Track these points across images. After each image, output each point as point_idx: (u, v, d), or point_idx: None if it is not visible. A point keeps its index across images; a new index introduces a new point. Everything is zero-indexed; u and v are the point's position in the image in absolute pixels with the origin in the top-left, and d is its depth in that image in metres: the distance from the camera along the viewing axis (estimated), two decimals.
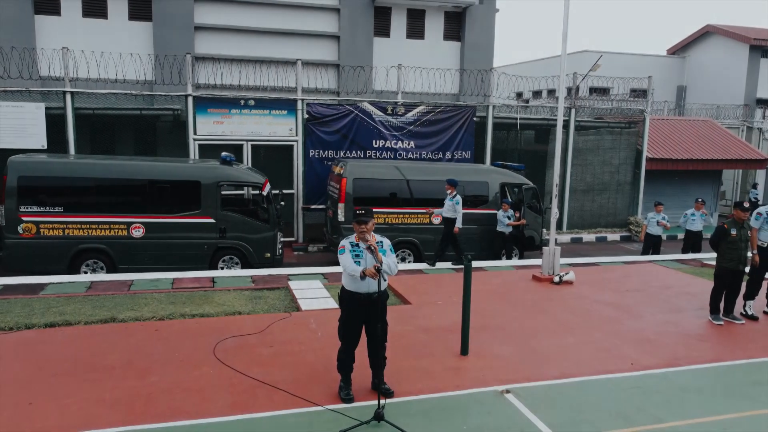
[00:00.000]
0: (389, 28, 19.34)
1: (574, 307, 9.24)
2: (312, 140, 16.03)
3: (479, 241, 14.12)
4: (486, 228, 14.16)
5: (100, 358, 6.87)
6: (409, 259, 13.81)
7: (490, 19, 19.85)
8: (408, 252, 13.82)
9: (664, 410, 5.87)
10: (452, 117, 16.87)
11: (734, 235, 8.33)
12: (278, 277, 11.06)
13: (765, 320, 8.84)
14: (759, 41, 33.03)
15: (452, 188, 12.35)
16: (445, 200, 12.40)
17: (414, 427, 5.42)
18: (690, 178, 20.52)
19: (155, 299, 9.31)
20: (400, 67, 16.66)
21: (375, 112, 16.27)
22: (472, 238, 14.03)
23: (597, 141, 18.45)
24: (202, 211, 12.38)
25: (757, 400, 6.16)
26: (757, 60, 33.66)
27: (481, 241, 14.14)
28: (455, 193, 12.28)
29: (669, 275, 11.63)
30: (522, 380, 6.50)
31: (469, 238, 13.96)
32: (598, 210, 18.64)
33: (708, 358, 7.26)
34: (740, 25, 36.55)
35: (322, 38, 18.74)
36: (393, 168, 13.95)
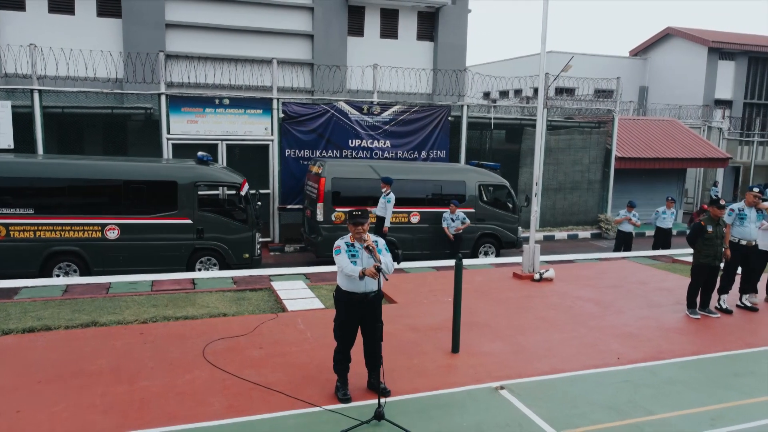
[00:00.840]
0: (363, 27, 19.34)
1: (557, 304, 9.41)
2: (288, 140, 15.92)
3: (456, 240, 14.22)
4: None
5: (85, 363, 6.70)
6: None
7: (462, 20, 20.02)
8: None
9: (654, 402, 6.03)
10: (427, 117, 16.97)
11: (711, 231, 8.60)
12: (260, 277, 10.95)
13: (738, 314, 9.15)
14: (717, 44, 34.12)
15: (387, 186, 12.26)
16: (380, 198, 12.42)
17: (414, 425, 5.45)
18: (656, 176, 21.09)
19: (136, 302, 9.13)
20: (375, 67, 16.67)
21: (351, 112, 16.25)
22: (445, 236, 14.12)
23: (568, 140, 18.80)
24: (178, 212, 12.18)
25: (739, 391, 6.38)
26: (715, 62, 34.75)
27: (459, 241, 14.24)
28: (389, 191, 12.19)
29: (643, 271, 11.94)
30: (515, 376, 6.59)
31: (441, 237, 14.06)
32: (570, 208, 19.01)
33: (689, 351, 7.48)
34: (699, 28, 37.72)
35: (295, 37, 18.63)
36: (371, 167, 13.96)
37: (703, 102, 34.18)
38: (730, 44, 34.37)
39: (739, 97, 35.37)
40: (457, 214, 13.70)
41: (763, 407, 6.00)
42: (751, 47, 34.30)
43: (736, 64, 35.22)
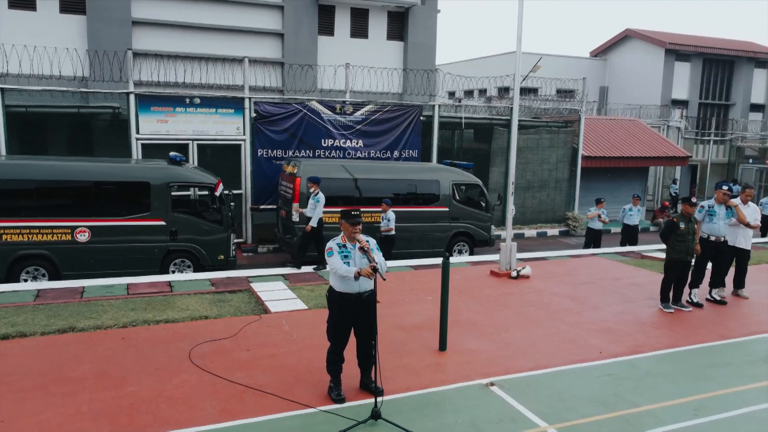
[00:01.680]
0: (333, 26, 19.30)
1: (535, 301, 9.60)
2: (260, 139, 15.78)
3: (431, 239, 14.36)
4: (438, 225, 14.42)
5: (68, 369, 6.54)
6: None
7: (432, 20, 20.17)
8: None
9: (637, 395, 6.23)
10: (399, 116, 17.04)
11: (683, 228, 8.90)
12: (238, 279, 10.85)
13: (708, 307, 9.49)
14: (674, 45, 35.21)
15: (315, 186, 11.87)
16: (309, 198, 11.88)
17: (410, 423, 5.50)
18: (620, 174, 21.66)
19: (113, 306, 8.94)
20: (348, 66, 16.66)
21: (324, 111, 16.21)
22: (425, 236, 14.26)
23: (536, 140, 19.15)
24: (151, 213, 11.97)
25: (717, 381, 6.64)
26: (672, 63, 35.85)
27: (433, 239, 14.38)
28: (318, 191, 11.77)
29: (614, 267, 12.26)
30: (502, 373, 6.71)
31: (421, 235, 14.19)
32: (538, 206, 19.36)
33: (666, 344, 7.74)
34: (657, 30, 38.83)
35: (266, 36, 18.47)
36: (347, 167, 13.95)
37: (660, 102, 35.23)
38: (685, 46, 35.52)
39: (695, 98, 36.58)
40: (388, 214, 12.91)
41: (741, 397, 6.25)
42: (705, 49, 35.51)
43: (691, 65, 36.41)
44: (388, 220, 12.86)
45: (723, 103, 37.64)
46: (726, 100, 37.78)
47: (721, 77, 37.72)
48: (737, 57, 36.99)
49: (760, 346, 7.77)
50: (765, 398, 6.22)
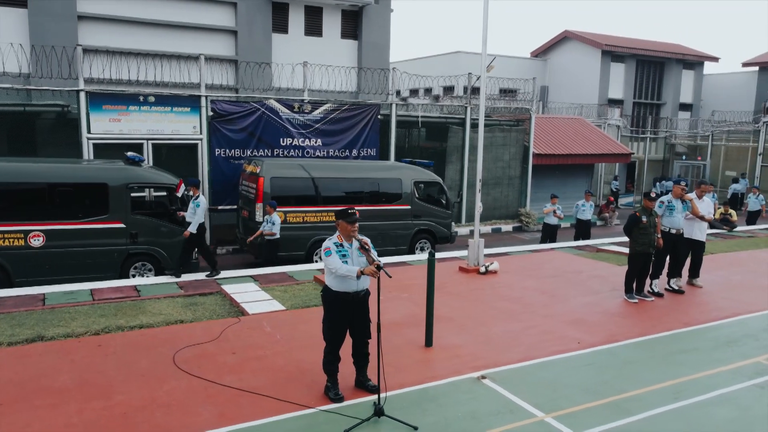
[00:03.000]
0: (287, 24, 19.09)
1: (507, 295, 9.84)
2: (217, 139, 15.47)
3: (394, 236, 14.46)
4: (401, 223, 14.54)
5: (46, 380, 6.26)
6: None
7: (385, 19, 20.28)
8: None
9: (621, 382, 6.52)
10: (357, 115, 17.06)
11: (645, 222, 9.33)
12: (206, 282, 10.62)
13: (668, 296, 9.99)
14: (610, 47, 36.67)
15: (195, 189, 11.04)
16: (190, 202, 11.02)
17: (411, 418, 5.56)
18: (567, 171, 22.42)
19: (81, 313, 8.58)
20: (306, 65, 16.53)
21: (282, 110, 16.03)
22: (388, 234, 14.34)
23: (490, 138, 19.56)
24: (110, 216, 11.56)
25: (689, 366, 7.02)
26: (608, 64, 37.34)
27: (396, 237, 14.49)
28: (198, 195, 10.92)
29: (574, 261, 12.72)
30: (491, 366, 6.87)
31: (384, 233, 14.25)
32: (493, 203, 19.79)
33: (637, 333, 8.11)
34: (594, 32, 40.33)
35: (219, 33, 18.08)
36: (311, 166, 13.87)
37: (598, 101, 36.66)
38: (620, 47, 37.05)
39: (629, 97, 38.23)
40: (273, 217, 12.09)
41: (714, 380, 6.64)
42: (638, 50, 37.18)
43: (625, 66, 38.03)
44: (272, 224, 12.03)
45: (655, 102, 39.48)
46: (657, 100, 39.66)
47: (653, 78, 39.56)
48: (667, 59, 38.89)
49: (721, 332, 8.26)
50: (735, 380, 6.63)
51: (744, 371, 6.89)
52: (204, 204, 10.99)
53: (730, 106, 38.35)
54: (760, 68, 41.69)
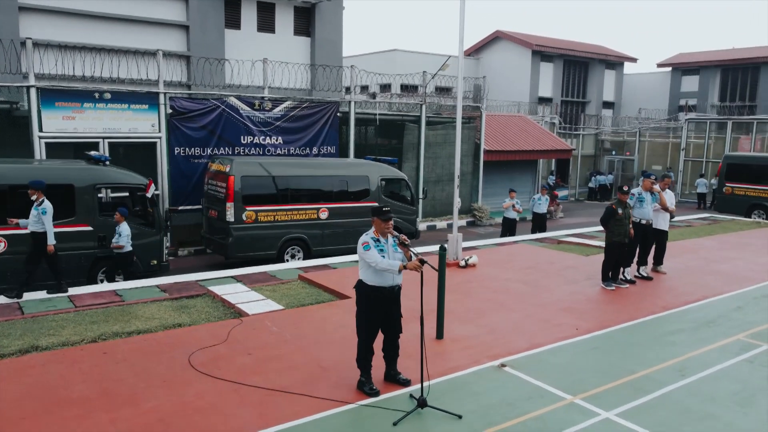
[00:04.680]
0: (240, 20, 18.70)
1: (494, 287, 10.18)
2: (177, 137, 15.00)
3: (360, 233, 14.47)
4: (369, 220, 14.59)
5: (63, 391, 5.98)
6: (299, 256, 13.74)
7: (337, 16, 20.27)
8: (297, 249, 13.74)
9: (629, 362, 6.96)
10: (317, 113, 17.00)
11: (620, 213, 9.93)
12: (188, 284, 10.31)
13: (639, 283, 10.64)
14: (540, 47, 38.18)
15: (38, 193, 9.31)
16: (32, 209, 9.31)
17: (450, 408, 5.72)
18: (513, 167, 23.25)
19: (68, 320, 8.18)
20: (265, 61, 16.28)
21: (242, 107, 15.75)
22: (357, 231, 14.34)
23: (444, 135, 19.99)
24: (76, 218, 11.05)
25: (680, 346, 7.56)
26: (538, 63, 38.86)
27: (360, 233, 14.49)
28: (42, 200, 9.27)
29: (542, 253, 13.27)
30: (504, 354, 7.14)
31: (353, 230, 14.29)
32: (447, 199, 20.21)
33: (625, 318, 8.62)
34: (524, 32, 41.80)
35: (170, 27, 17.46)
36: (282, 164, 13.75)
37: (529, 99, 38.10)
38: (549, 48, 38.65)
39: (558, 95, 39.94)
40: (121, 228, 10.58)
41: (707, 357, 7.20)
42: (565, 51, 38.93)
43: (554, 65, 39.69)
44: (119, 235, 10.53)
45: (581, 100, 41.46)
46: (583, 98, 41.67)
47: (579, 77, 41.51)
48: (591, 59, 40.93)
49: (697, 314, 8.92)
50: (726, 357, 7.22)
51: (730, 348, 7.51)
52: (50, 210, 9.29)
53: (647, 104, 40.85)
54: (672, 69, 44.68)
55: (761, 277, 11.09)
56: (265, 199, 13.26)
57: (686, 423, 5.59)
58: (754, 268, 11.82)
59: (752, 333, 8.08)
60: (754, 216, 20.55)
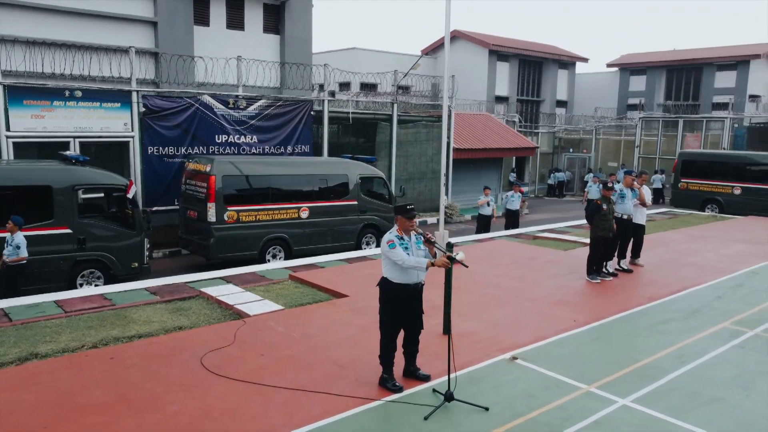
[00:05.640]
0: (209, 16, 18.36)
1: (485, 283, 10.37)
2: (150, 136, 14.64)
3: (343, 232, 14.55)
4: (349, 218, 14.66)
5: (79, 398, 5.82)
6: (280, 256, 13.65)
7: (307, 13, 20.15)
8: (278, 249, 13.64)
9: (632, 352, 7.25)
10: (292, 111, 16.89)
11: (605, 209, 10.30)
12: (177, 286, 10.11)
13: (621, 276, 11.04)
14: (496, 47, 38.90)
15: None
16: None
17: (475, 400, 5.85)
18: (480, 165, 23.66)
19: (63, 326, 7.93)
20: (239, 59, 16.05)
21: (217, 106, 15.50)
22: (337, 230, 14.39)
23: (414, 134, 20.17)
24: (55, 221, 10.70)
25: (673, 335, 7.92)
26: (495, 63, 39.56)
27: (345, 232, 14.58)
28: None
29: (522, 248, 13.59)
30: (512, 348, 7.33)
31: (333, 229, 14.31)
32: (418, 196, 20.41)
33: (617, 309, 8.96)
34: (481, 32, 42.48)
35: (138, 24, 16.96)
36: (262, 163, 13.63)
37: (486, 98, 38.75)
38: (505, 47, 39.42)
39: (514, 94, 40.77)
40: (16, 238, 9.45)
41: (701, 345, 7.57)
42: (520, 51, 39.79)
43: (509, 65, 40.50)
44: (17, 247, 9.36)
45: (535, 99, 42.45)
46: (537, 97, 42.68)
47: (533, 76, 42.48)
48: (545, 59, 41.94)
49: (682, 304, 9.34)
50: (718, 344, 7.61)
51: (720, 336, 7.92)
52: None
53: (598, 102, 42.21)
54: (620, 69, 46.32)
55: (731, 268, 11.70)
56: (247, 198, 13.12)
57: (697, 406, 5.89)
58: (722, 260, 12.45)
59: (736, 320, 8.54)
60: (707, 210, 21.57)
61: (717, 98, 40.55)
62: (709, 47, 44.43)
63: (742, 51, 40.39)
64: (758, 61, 39.60)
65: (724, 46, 43.44)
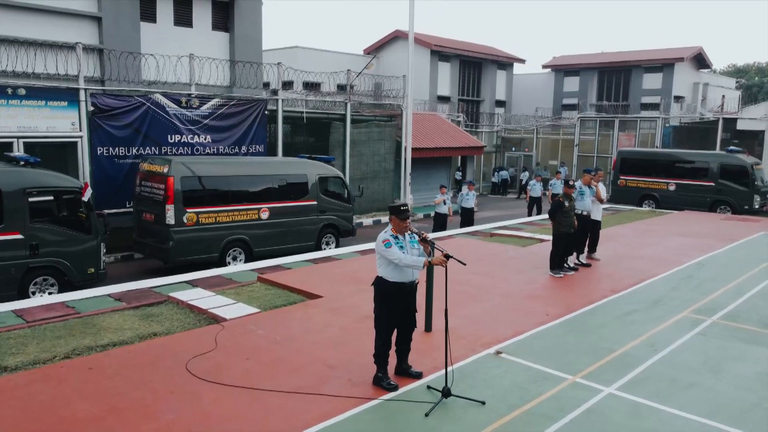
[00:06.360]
0: (155, 12, 17.76)
1: (456, 280, 10.34)
2: (99, 136, 14.05)
3: (303, 232, 14.44)
4: (308, 218, 14.55)
5: (64, 411, 5.57)
6: (240, 258, 13.40)
7: (257, 11, 19.82)
8: (239, 251, 13.39)
9: (607, 342, 7.58)
10: (246, 110, 16.60)
11: (567, 206, 10.69)
12: (142, 291, 9.76)
13: (581, 270, 11.48)
14: (438, 47, 39.48)
15: None
16: None
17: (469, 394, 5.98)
18: (430, 164, 23.95)
19: (27, 337, 7.54)
20: (192, 57, 15.62)
21: (169, 105, 15.04)
22: (297, 230, 14.26)
23: (367, 133, 20.22)
24: (5, 226, 10.15)
25: (640, 324, 8.32)
26: (437, 63, 40.13)
27: (305, 232, 14.47)
28: None
29: (483, 246, 13.88)
30: (495, 342, 7.51)
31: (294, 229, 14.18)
32: (372, 196, 20.47)
33: (585, 302, 9.32)
34: (423, 32, 42.95)
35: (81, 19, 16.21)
36: (221, 164, 13.34)
37: (429, 97, 39.26)
38: (446, 48, 40.05)
39: (455, 94, 41.52)
40: None
41: (668, 333, 7.99)
42: (461, 51, 40.54)
43: (450, 65, 41.19)
44: None
45: (475, 99, 43.36)
46: (477, 97, 43.60)
47: (473, 76, 43.36)
48: (484, 60, 42.90)
49: (643, 295, 9.81)
50: (682, 332, 8.05)
51: (682, 324, 8.38)
52: None
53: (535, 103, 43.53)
54: (555, 70, 47.98)
55: (679, 260, 12.37)
56: (206, 200, 12.82)
57: (676, 391, 6.23)
58: (669, 252, 13.14)
59: (694, 309, 9.06)
60: (645, 205, 22.69)
61: (645, 99, 42.64)
62: (637, 50, 46.70)
63: (668, 54, 42.63)
64: (682, 63, 41.91)
65: (650, 50, 45.75)
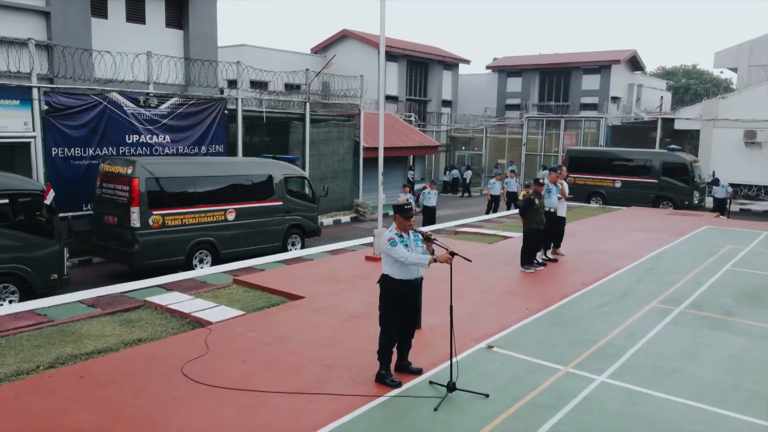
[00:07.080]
0: (107, 8, 17.11)
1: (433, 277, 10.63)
2: (54, 136, 13.46)
3: (270, 233, 14.29)
4: (274, 219, 14.40)
5: (64, 421, 5.40)
6: (207, 260, 13.14)
7: (211, 8, 19.40)
8: (206, 253, 13.12)
9: (590, 333, 7.90)
10: (205, 110, 16.27)
11: (537, 203, 11.04)
12: (115, 297, 9.47)
13: (549, 265, 11.86)
14: (387, 47, 39.67)
15: None
16: None
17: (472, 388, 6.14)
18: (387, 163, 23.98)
19: (3, 347, 7.23)
20: (150, 55, 15.16)
21: (126, 104, 14.56)
22: (262, 231, 14.11)
23: (326, 133, 20.17)
24: None
25: (615, 315, 8.70)
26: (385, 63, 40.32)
27: (271, 233, 14.33)
28: None
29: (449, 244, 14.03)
30: (484, 337, 7.71)
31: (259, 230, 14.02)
32: (331, 196, 20.33)
33: (560, 296, 9.65)
34: (370, 32, 43.10)
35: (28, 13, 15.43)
36: (186, 164, 13.06)
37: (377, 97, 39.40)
38: (394, 48, 40.29)
39: (403, 94, 41.87)
40: None
41: (643, 323, 8.39)
42: (408, 51, 40.93)
43: (398, 65, 41.51)
44: None
45: (423, 99, 43.85)
46: (424, 97, 44.09)
47: (420, 76, 43.85)
48: (431, 60, 43.45)
49: (612, 288, 10.24)
50: (654, 321, 8.46)
51: (653, 314, 8.82)
52: None
53: (480, 102, 44.52)
54: (498, 71, 49.13)
55: (637, 254, 12.97)
56: (172, 201, 12.50)
57: (662, 378, 6.59)
58: (627, 247, 13.75)
59: (661, 300, 9.55)
60: (593, 202, 23.60)
61: (585, 99, 44.27)
62: (576, 52, 48.40)
63: (605, 57, 44.40)
64: (618, 66, 43.73)
65: (589, 52, 47.52)
